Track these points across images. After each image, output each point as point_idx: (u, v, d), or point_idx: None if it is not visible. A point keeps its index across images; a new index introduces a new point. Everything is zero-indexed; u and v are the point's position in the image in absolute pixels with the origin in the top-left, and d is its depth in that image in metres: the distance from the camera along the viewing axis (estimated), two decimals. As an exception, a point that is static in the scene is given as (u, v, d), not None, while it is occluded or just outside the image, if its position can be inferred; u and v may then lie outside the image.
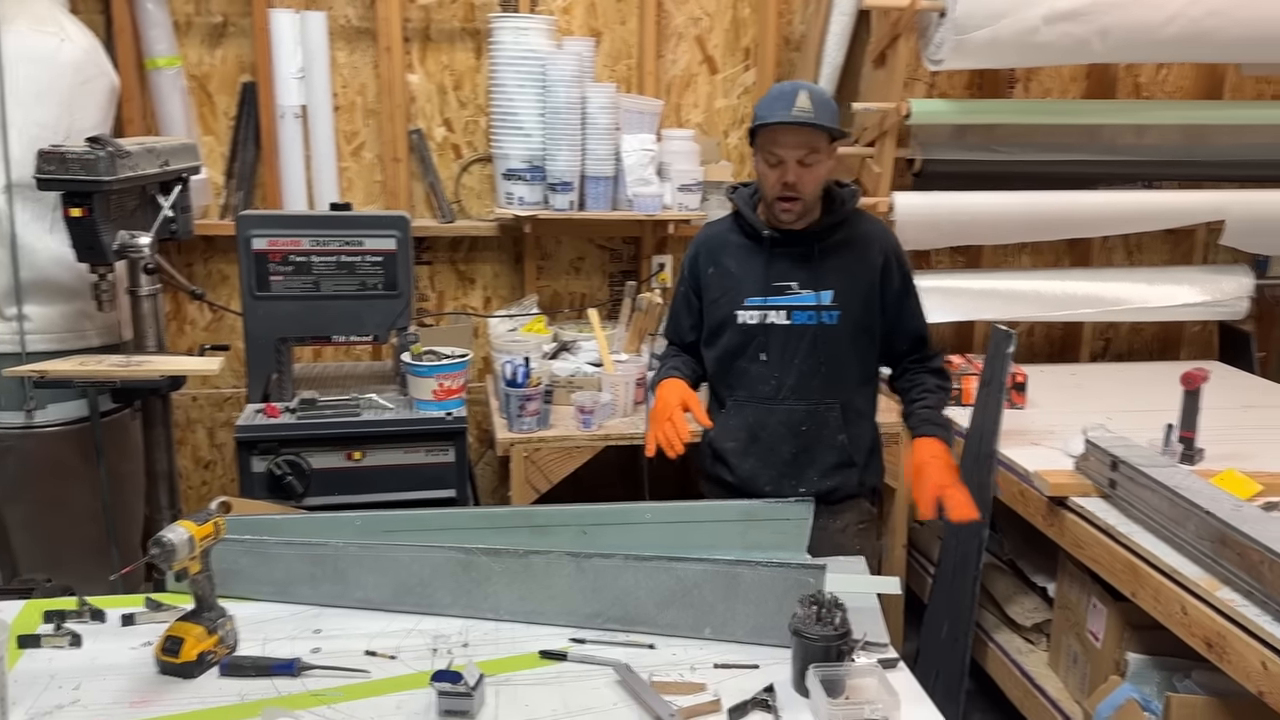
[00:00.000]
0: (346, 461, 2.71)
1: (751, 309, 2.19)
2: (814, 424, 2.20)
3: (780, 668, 1.65)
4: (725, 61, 3.64)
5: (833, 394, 2.20)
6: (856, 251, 2.20)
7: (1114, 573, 2.33)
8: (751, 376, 2.22)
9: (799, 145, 2.05)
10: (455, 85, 3.52)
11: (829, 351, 2.18)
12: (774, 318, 2.18)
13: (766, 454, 2.22)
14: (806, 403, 2.20)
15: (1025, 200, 3.47)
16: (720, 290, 2.24)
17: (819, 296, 2.17)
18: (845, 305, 2.17)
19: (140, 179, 2.64)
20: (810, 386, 2.19)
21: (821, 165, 2.09)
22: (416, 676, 1.64)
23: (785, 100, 2.04)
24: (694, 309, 2.31)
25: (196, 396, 3.58)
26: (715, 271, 2.25)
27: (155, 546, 1.58)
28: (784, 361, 2.19)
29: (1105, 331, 4.07)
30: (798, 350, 2.18)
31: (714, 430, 2.28)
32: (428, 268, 3.63)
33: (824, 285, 2.17)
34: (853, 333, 2.19)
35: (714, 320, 2.25)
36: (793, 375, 2.19)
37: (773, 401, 2.21)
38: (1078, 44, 3.18)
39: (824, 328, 2.17)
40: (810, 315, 2.17)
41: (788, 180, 2.07)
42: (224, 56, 3.39)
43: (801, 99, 2.03)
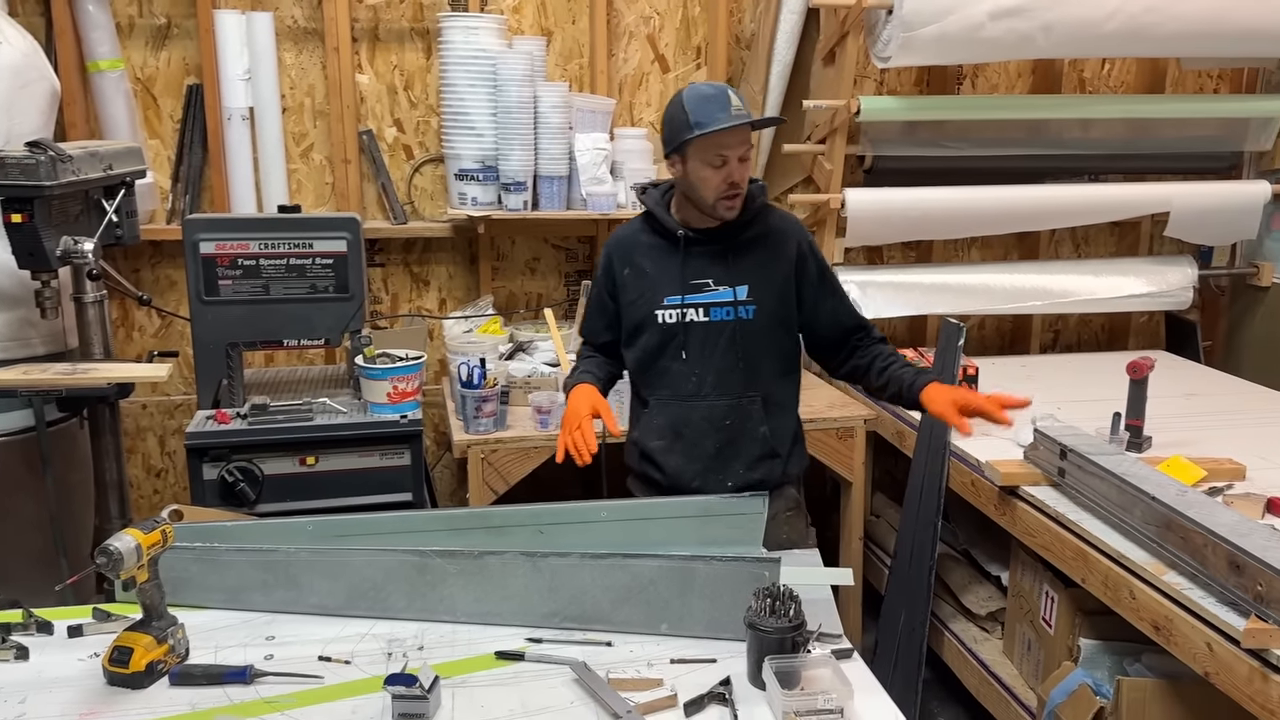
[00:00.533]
0: (300, 467, 2.68)
1: (670, 308, 2.20)
2: (736, 418, 2.23)
3: (737, 661, 1.66)
4: (677, 60, 3.66)
5: (753, 388, 2.22)
6: (770, 246, 2.22)
7: (1064, 560, 2.37)
8: (673, 375, 2.24)
9: (741, 143, 2.09)
10: (405, 85, 3.50)
11: (747, 346, 2.20)
12: (692, 315, 2.20)
13: (691, 450, 2.24)
14: (728, 398, 2.22)
15: (974, 195, 3.51)
16: (637, 291, 2.25)
17: (735, 292, 2.19)
18: (761, 300, 2.20)
19: (83, 183, 2.60)
20: (731, 382, 2.21)
21: (750, 160, 2.14)
22: (371, 681, 1.62)
23: (719, 103, 2.05)
24: (608, 311, 2.32)
25: (146, 404, 3.53)
26: (631, 273, 2.26)
27: (101, 556, 1.56)
28: (704, 358, 2.21)
29: (1054, 323, 4.14)
30: (716, 346, 2.20)
31: (639, 429, 2.31)
32: (381, 270, 3.60)
33: (739, 281, 2.19)
34: (770, 326, 2.22)
35: (632, 321, 2.26)
36: (712, 372, 2.21)
37: (695, 398, 2.22)
38: (1022, 40, 3.22)
39: (741, 323, 2.19)
40: (727, 311, 2.19)
41: (733, 179, 2.09)
42: (168, 59, 3.34)
43: (733, 99, 2.06)
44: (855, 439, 3.14)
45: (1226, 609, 1.88)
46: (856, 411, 3.17)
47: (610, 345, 2.36)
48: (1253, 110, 3.68)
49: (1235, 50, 3.51)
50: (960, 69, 3.81)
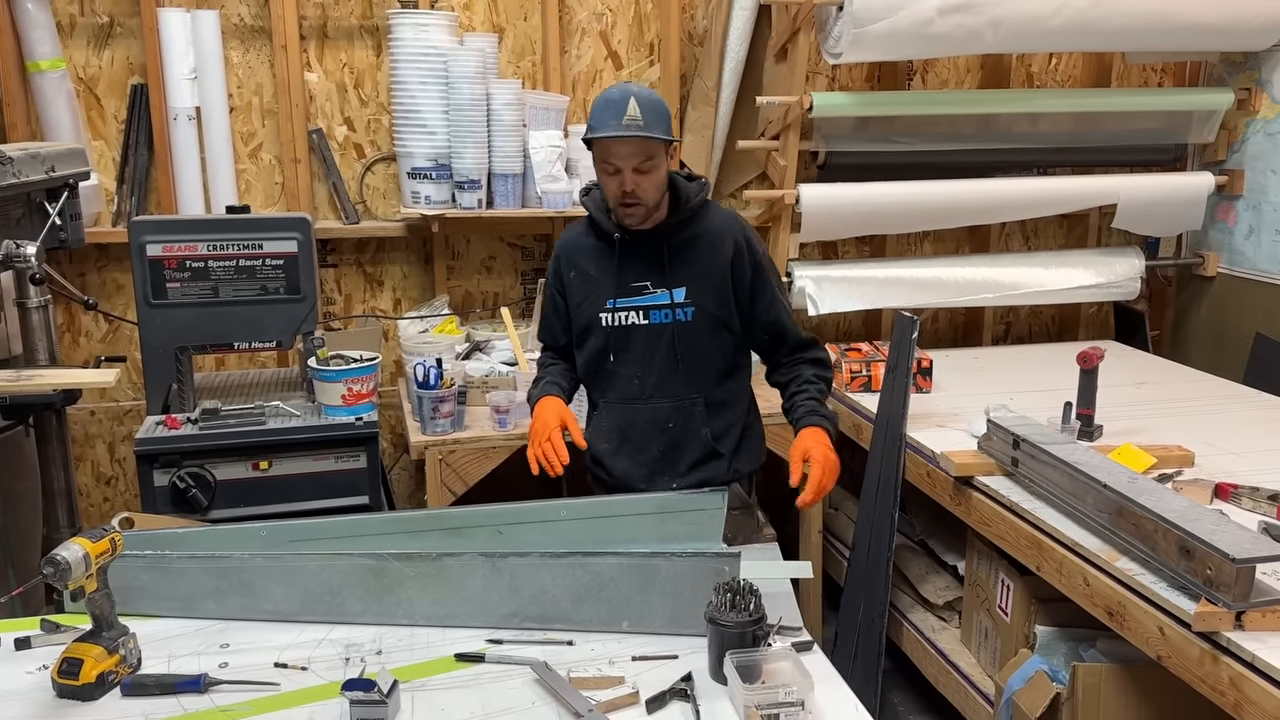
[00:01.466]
0: (253, 471, 2.65)
1: (611, 311, 2.21)
2: (679, 419, 2.23)
3: (699, 657, 1.67)
4: (630, 57, 3.65)
5: (695, 389, 2.22)
6: (706, 246, 2.20)
7: (1019, 548, 2.40)
8: (618, 378, 2.24)
9: (633, 154, 2.05)
10: (355, 83, 3.46)
11: (687, 348, 2.20)
12: (633, 318, 2.20)
13: (636, 453, 2.25)
14: (670, 400, 2.22)
15: (926, 190, 3.55)
16: (582, 294, 2.25)
17: (672, 294, 2.18)
18: (699, 301, 2.19)
19: (24, 186, 2.54)
20: (672, 384, 2.21)
21: (658, 171, 2.09)
22: (328, 687, 1.61)
23: (615, 109, 2.02)
24: (562, 312, 2.32)
25: (94, 410, 3.46)
26: (576, 275, 2.26)
27: (48, 566, 1.52)
28: (645, 361, 2.21)
29: (1006, 315, 4.19)
30: (657, 349, 2.20)
31: (589, 431, 2.31)
32: (334, 270, 3.56)
33: (676, 283, 2.18)
34: (710, 328, 2.21)
35: (580, 324, 2.27)
36: (654, 374, 2.21)
37: (638, 401, 2.23)
38: (970, 35, 3.26)
39: (680, 325, 2.18)
40: (665, 314, 2.19)
41: (626, 188, 2.08)
42: (111, 58, 3.27)
43: (631, 108, 2.02)
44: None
45: (1177, 593, 1.91)
46: (814, 405, 3.18)
47: (569, 348, 2.35)
48: (1196, 103, 3.74)
49: (1178, 44, 3.58)
50: (911, 65, 3.84)
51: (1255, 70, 3.69)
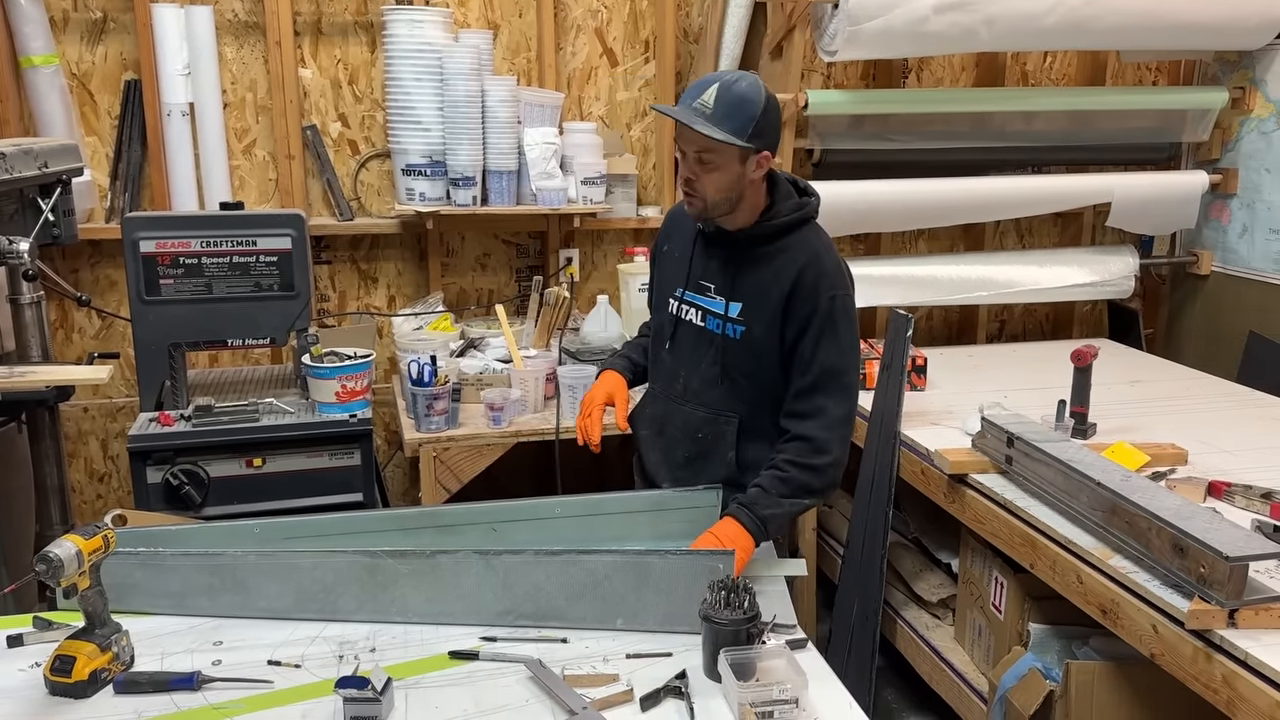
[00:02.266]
0: (246, 469, 2.64)
1: (676, 300, 2.13)
2: (709, 433, 2.08)
3: (693, 654, 1.66)
4: (625, 54, 3.65)
5: (731, 408, 2.06)
6: (774, 269, 1.98)
7: (1013, 546, 2.40)
8: (665, 368, 2.16)
9: (693, 142, 1.90)
10: (350, 79, 3.45)
11: (733, 364, 2.03)
12: (690, 315, 2.09)
13: (667, 451, 2.16)
14: (705, 410, 2.08)
15: (921, 188, 3.55)
16: (663, 270, 2.19)
17: (729, 307, 2.03)
18: (750, 324, 2.00)
19: (17, 181, 2.53)
20: (711, 395, 2.07)
21: (724, 170, 1.90)
22: (322, 684, 1.60)
23: (695, 90, 1.90)
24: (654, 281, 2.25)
25: (88, 407, 3.45)
26: (668, 249, 2.20)
27: (41, 563, 1.52)
28: (691, 362, 2.09)
29: (1000, 313, 4.19)
30: (704, 355, 2.07)
31: (635, 411, 2.28)
32: (328, 267, 3.55)
33: (736, 296, 2.02)
34: (755, 353, 2.01)
35: (657, 298, 2.21)
36: (696, 379, 2.09)
37: (678, 400, 2.12)
38: (965, 33, 3.26)
39: (727, 340, 2.03)
40: (718, 324, 2.04)
41: (685, 175, 1.96)
42: (105, 54, 3.26)
43: (708, 94, 1.86)
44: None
45: (1171, 591, 1.92)
46: (808, 403, 3.19)
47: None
48: (1190, 102, 3.75)
49: (1173, 43, 3.58)
50: (906, 63, 3.84)
51: (1250, 69, 3.70)
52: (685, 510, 2.03)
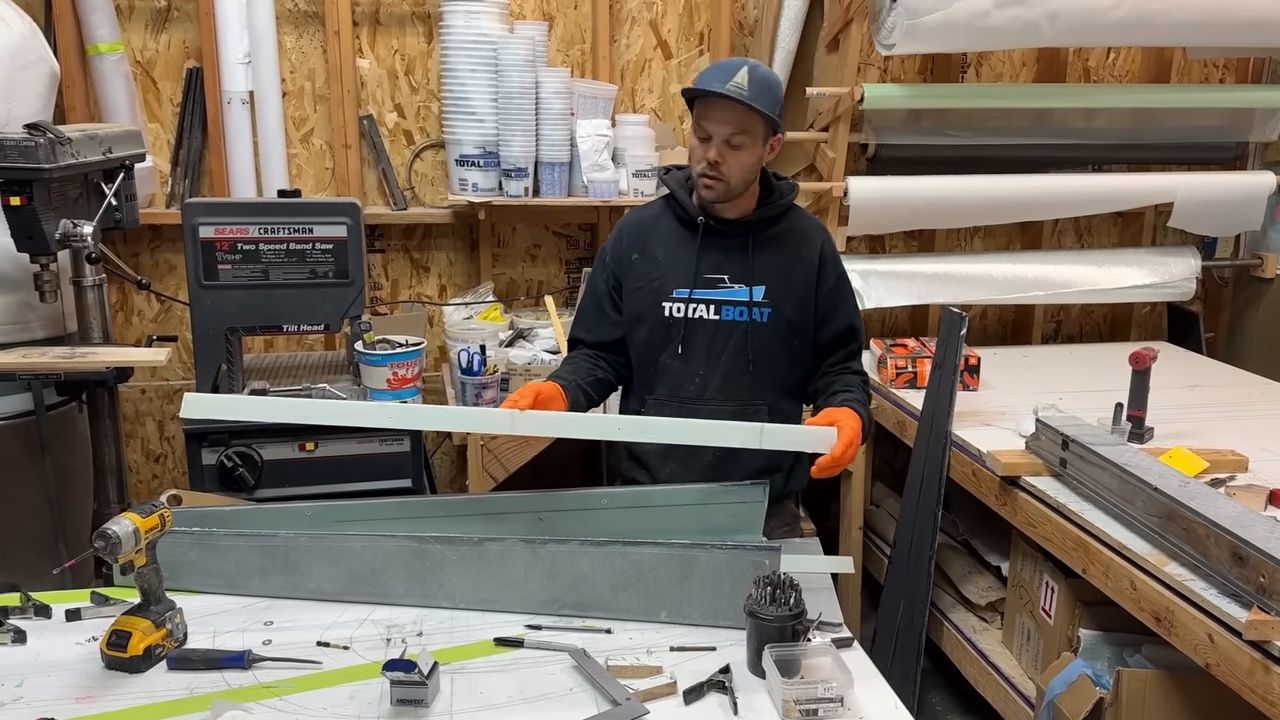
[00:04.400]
0: (299, 452, 2.68)
1: (678, 301, 2.07)
2: None
3: (737, 649, 1.66)
4: (679, 46, 3.63)
5: (761, 396, 2.09)
6: (793, 247, 2.09)
7: (1065, 550, 2.36)
8: (673, 374, 2.10)
9: (726, 122, 1.93)
10: (406, 70, 3.48)
11: (758, 351, 2.07)
12: (701, 312, 2.07)
13: (689, 457, 2.10)
14: (733, 404, 2.08)
15: (977, 184, 3.49)
16: (644, 279, 2.11)
17: (751, 292, 2.06)
18: (777, 304, 2.06)
19: (82, 166, 2.58)
20: (737, 387, 2.08)
21: (751, 150, 1.97)
22: (369, 666, 1.62)
23: (724, 73, 1.93)
24: (617, 301, 2.15)
25: (145, 389, 3.52)
26: (640, 258, 2.12)
27: (99, 540, 1.55)
28: (709, 359, 2.08)
29: (1056, 314, 4.12)
30: (725, 348, 2.07)
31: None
32: (381, 256, 3.59)
33: (757, 280, 2.06)
34: (784, 333, 2.08)
35: (633, 311, 2.13)
36: (719, 374, 2.08)
37: (696, 402, 2.08)
38: (1027, 27, 3.20)
39: (754, 325, 2.06)
40: (740, 311, 2.06)
41: (710, 158, 1.96)
42: (168, 42, 3.32)
43: (740, 75, 1.91)
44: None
45: (1228, 600, 1.87)
46: (857, 400, 3.16)
47: (608, 345, 2.18)
48: (1258, 100, 3.65)
49: (1242, 40, 3.49)
50: (965, 57, 3.79)
51: (1322, 67, 3.59)
52: (732, 505, 2.01)
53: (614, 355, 2.18)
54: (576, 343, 2.23)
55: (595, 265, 2.23)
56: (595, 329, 2.18)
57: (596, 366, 2.16)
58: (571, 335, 2.25)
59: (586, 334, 2.20)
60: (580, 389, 2.07)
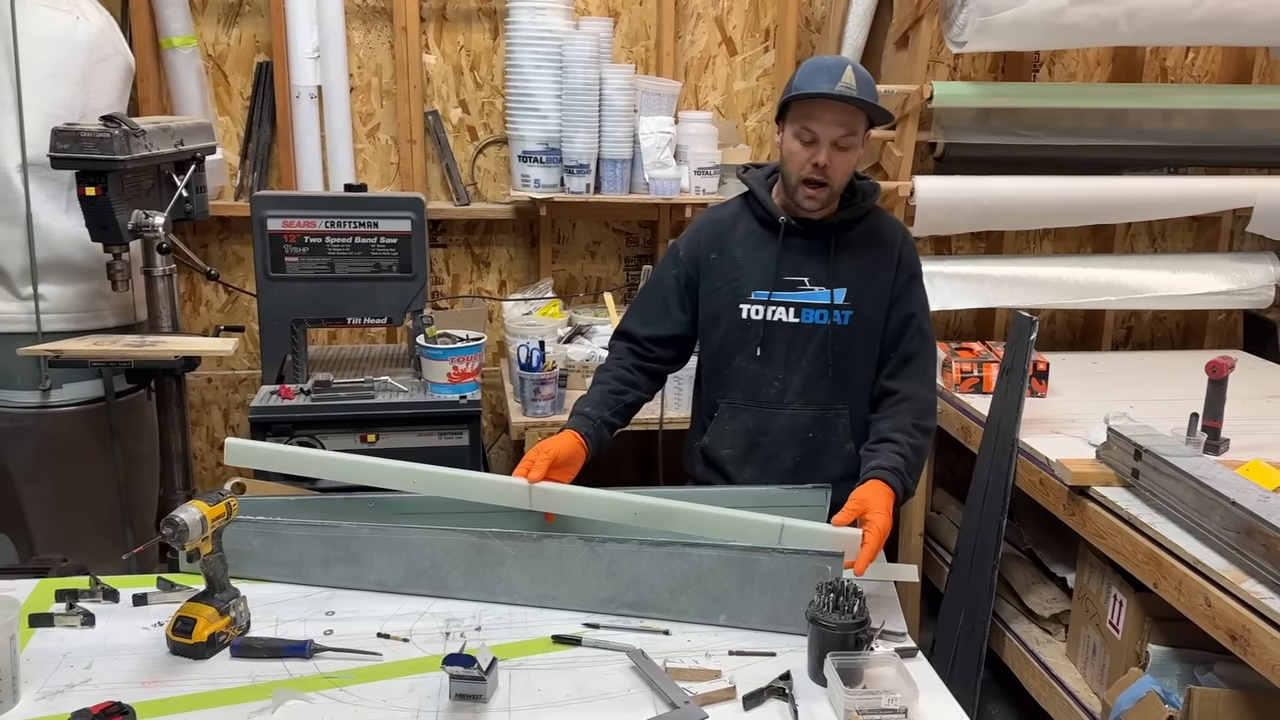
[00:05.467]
0: (361, 444, 2.70)
1: (757, 303, 2.04)
2: (821, 431, 2.07)
3: (797, 655, 1.63)
4: (745, 43, 3.60)
5: (841, 399, 2.06)
6: (874, 249, 2.05)
7: (1136, 563, 2.29)
8: (749, 377, 2.07)
9: (837, 124, 1.89)
10: (472, 66, 3.49)
11: (838, 354, 2.03)
12: (780, 314, 2.04)
13: (767, 462, 2.08)
14: (813, 408, 2.06)
15: (1048, 185, 3.42)
16: (721, 279, 2.07)
17: (832, 294, 2.02)
18: (859, 306, 2.03)
19: (155, 158, 2.63)
20: (817, 390, 2.05)
21: (856, 151, 1.94)
22: (429, 659, 1.62)
23: (830, 73, 1.87)
24: (689, 299, 2.11)
25: (212, 378, 3.58)
26: (719, 258, 2.08)
27: (167, 527, 1.57)
28: (789, 362, 2.05)
29: (1127, 320, 4.02)
30: (805, 351, 2.04)
31: (708, 435, 2.14)
32: (443, 250, 3.61)
33: (838, 282, 2.02)
34: (865, 335, 2.04)
35: (709, 312, 2.09)
36: (798, 378, 2.05)
37: (776, 405, 2.06)
38: (1104, 26, 3.12)
39: (835, 328, 2.02)
40: (821, 314, 2.03)
41: (819, 161, 1.91)
42: (240, 36, 3.37)
43: (847, 74, 1.87)
44: (919, 432, 3.07)
45: (1310, 620, 1.81)
46: (920, 405, 3.11)
47: (661, 340, 2.13)
48: (1344, 102, 3.53)
49: (1328, 40, 3.37)
50: (1037, 55, 3.70)
51: None
52: (793, 509, 1.98)
53: (664, 350, 2.14)
54: (625, 335, 2.17)
55: (665, 260, 2.18)
56: (655, 322, 2.14)
57: (629, 385, 2.09)
58: (622, 327, 2.19)
59: (642, 326, 2.15)
60: (604, 425, 2.01)
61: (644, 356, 2.14)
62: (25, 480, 2.87)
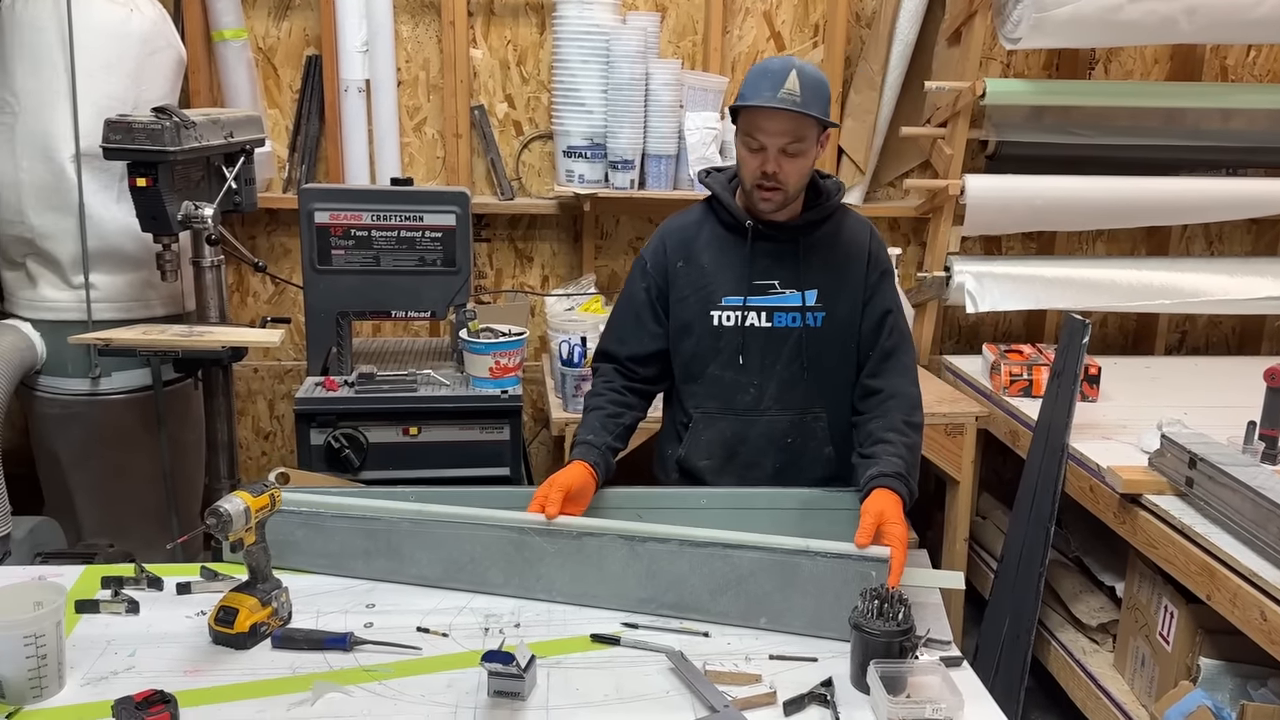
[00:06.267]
0: (403, 436, 2.71)
1: (728, 309, 2.00)
2: (799, 436, 2.04)
3: (839, 662, 1.61)
4: (793, 38, 3.56)
5: (819, 402, 2.04)
6: (842, 248, 2.02)
7: (1189, 574, 2.24)
8: (726, 385, 2.03)
9: (782, 133, 1.86)
10: (518, 60, 3.49)
11: (814, 356, 2.01)
12: (753, 319, 2.00)
13: (746, 471, 2.05)
14: (791, 412, 2.03)
15: (1102, 185, 3.36)
16: (690, 287, 2.02)
17: (804, 297, 1.99)
18: (830, 306, 2.00)
19: (205, 150, 2.65)
20: (793, 395, 2.02)
21: (807, 156, 1.90)
22: (467, 655, 1.62)
23: (773, 80, 1.84)
24: (662, 310, 2.06)
25: (258, 368, 3.62)
26: (685, 266, 2.03)
27: (211, 517, 1.58)
28: (764, 368, 2.01)
29: (1181, 324, 3.93)
30: (780, 355, 2.01)
31: (685, 445, 2.09)
32: (486, 245, 3.61)
33: (809, 284, 1.99)
34: (840, 336, 2.02)
35: (680, 321, 2.04)
36: (774, 383, 2.02)
37: (753, 412, 2.03)
38: (1163, 23, 3.05)
39: (809, 330, 2.00)
40: (793, 317, 2.00)
41: (767, 169, 1.89)
42: (290, 29, 3.39)
43: (791, 80, 1.83)
44: (965, 436, 3.03)
45: (1373, 639, 1.75)
46: (968, 408, 3.06)
47: (642, 358, 2.08)
48: None
49: (1398, 38, 3.27)
50: (1093, 53, 3.63)
51: None
52: (835, 511, 1.96)
53: (646, 369, 2.09)
54: (606, 356, 2.12)
55: (633, 274, 2.12)
56: (631, 341, 2.09)
57: (623, 407, 2.05)
58: (601, 348, 2.15)
59: (620, 346, 2.10)
60: (608, 451, 1.98)
61: (630, 377, 2.10)
62: (74, 466, 2.92)
